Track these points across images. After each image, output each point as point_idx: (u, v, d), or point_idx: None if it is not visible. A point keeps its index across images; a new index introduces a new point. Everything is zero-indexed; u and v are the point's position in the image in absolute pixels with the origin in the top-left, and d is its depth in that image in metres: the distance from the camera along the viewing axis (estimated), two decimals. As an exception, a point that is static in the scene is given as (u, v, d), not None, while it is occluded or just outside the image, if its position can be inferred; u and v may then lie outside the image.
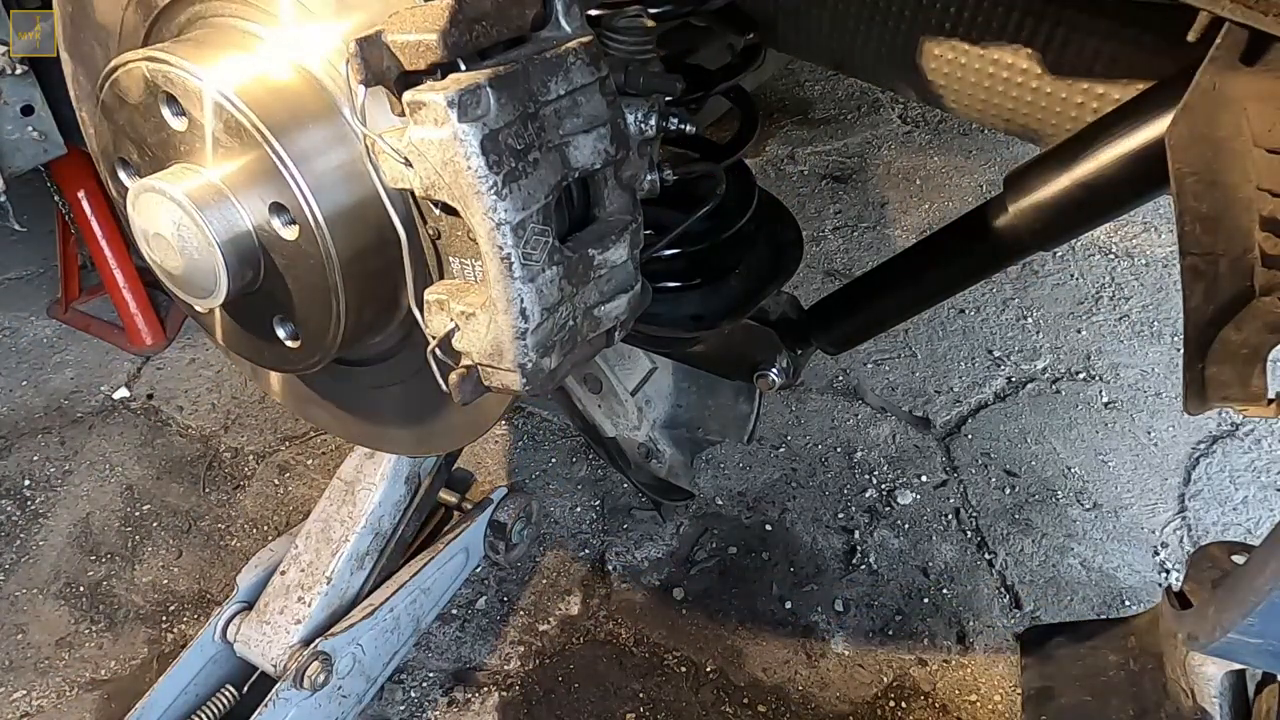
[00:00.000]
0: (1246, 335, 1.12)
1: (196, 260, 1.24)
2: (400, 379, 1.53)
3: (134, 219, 1.26)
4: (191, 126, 1.23)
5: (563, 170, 1.12)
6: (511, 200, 1.05)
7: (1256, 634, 1.09)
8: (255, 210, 1.23)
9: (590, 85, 1.13)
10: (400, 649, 2.34)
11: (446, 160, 1.02)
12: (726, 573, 2.60)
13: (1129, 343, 3.23)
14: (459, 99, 0.99)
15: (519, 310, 1.10)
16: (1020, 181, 1.44)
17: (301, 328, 1.34)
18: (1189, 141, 1.07)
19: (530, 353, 1.13)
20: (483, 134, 1.01)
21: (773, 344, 1.89)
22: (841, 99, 4.21)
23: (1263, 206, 1.04)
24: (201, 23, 1.31)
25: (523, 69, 1.06)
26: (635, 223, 1.23)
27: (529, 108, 1.07)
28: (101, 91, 1.29)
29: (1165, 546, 2.66)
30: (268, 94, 1.20)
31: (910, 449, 2.91)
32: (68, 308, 3.31)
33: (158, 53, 1.22)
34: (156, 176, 1.22)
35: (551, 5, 1.11)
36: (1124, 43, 1.40)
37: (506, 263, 1.07)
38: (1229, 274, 1.10)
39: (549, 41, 1.11)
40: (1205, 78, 1.03)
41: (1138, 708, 1.54)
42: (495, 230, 1.05)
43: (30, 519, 2.72)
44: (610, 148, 1.17)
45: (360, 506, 2.18)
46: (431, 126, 1.01)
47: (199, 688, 2.17)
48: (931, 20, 1.53)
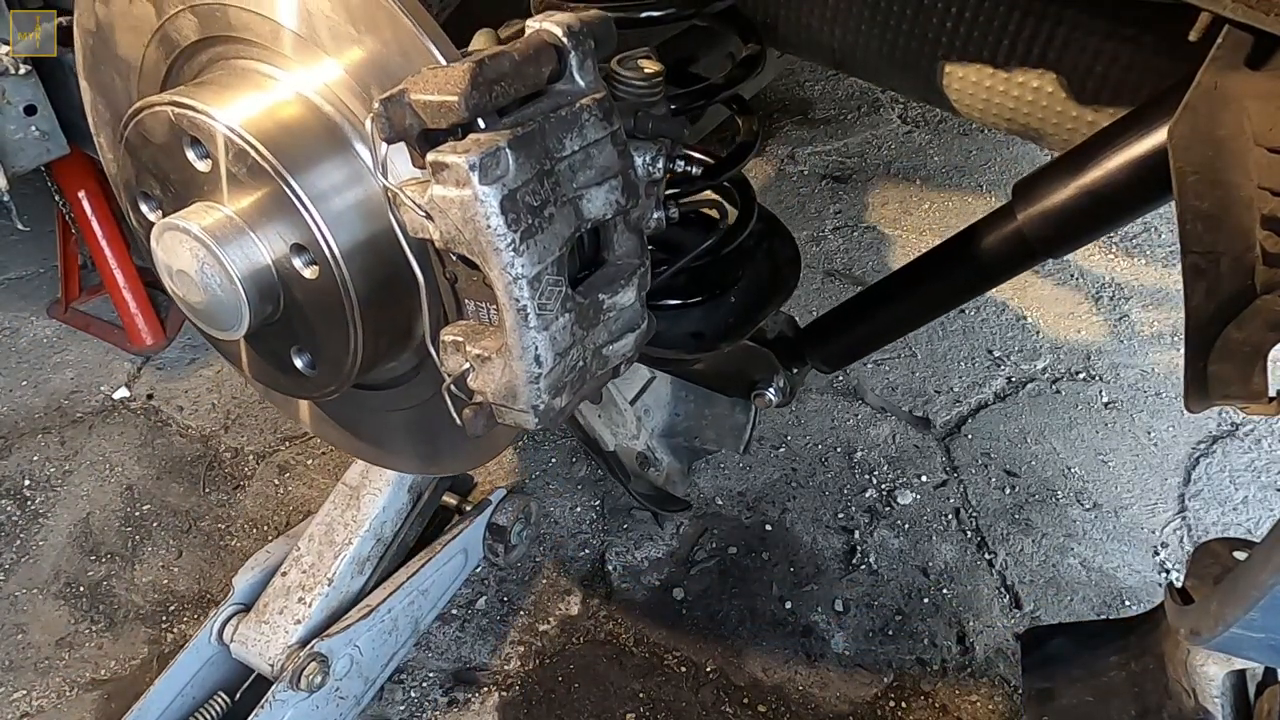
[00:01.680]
0: (1248, 333, 1.12)
1: (219, 296, 1.27)
2: (412, 404, 1.57)
3: (158, 255, 1.30)
4: (215, 168, 1.27)
5: (576, 222, 1.16)
6: (528, 255, 1.09)
7: (1259, 628, 1.09)
8: (275, 247, 1.27)
9: (603, 139, 1.17)
10: (399, 650, 2.33)
11: (467, 218, 1.06)
12: (726, 573, 2.60)
13: (1129, 343, 3.23)
14: (480, 162, 1.03)
15: (533, 357, 1.15)
16: (1029, 190, 1.43)
17: (319, 359, 1.39)
18: (1190, 140, 1.07)
19: (543, 395, 1.18)
20: (502, 194, 1.05)
21: (770, 364, 1.92)
22: (841, 99, 4.21)
23: (1263, 205, 1.04)
24: (222, 63, 1.35)
25: (539, 128, 1.10)
26: (643, 266, 1.27)
27: (545, 165, 1.10)
28: (126, 129, 1.33)
29: (1165, 546, 2.66)
30: (289, 137, 1.24)
31: (910, 449, 2.91)
32: (68, 308, 3.31)
33: (183, 98, 1.25)
34: (180, 215, 1.26)
35: (566, 61, 1.14)
36: (1124, 42, 1.40)
37: (522, 314, 1.11)
38: (1230, 272, 1.10)
39: (564, 96, 1.15)
40: (1206, 77, 1.04)
41: (1139, 708, 1.54)
42: (512, 284, 1.09)
43: (30, 519, 2.72)
44: (622, 198, 1.21)
45: (364, 511, 2.20)
46: (453, 187, 1.05)
47: (195, 690, 2.17)
48: (932, 20, 1.53)
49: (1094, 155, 1.33)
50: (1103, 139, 1.34)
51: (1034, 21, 1.45)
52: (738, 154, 1.70)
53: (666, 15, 1.54)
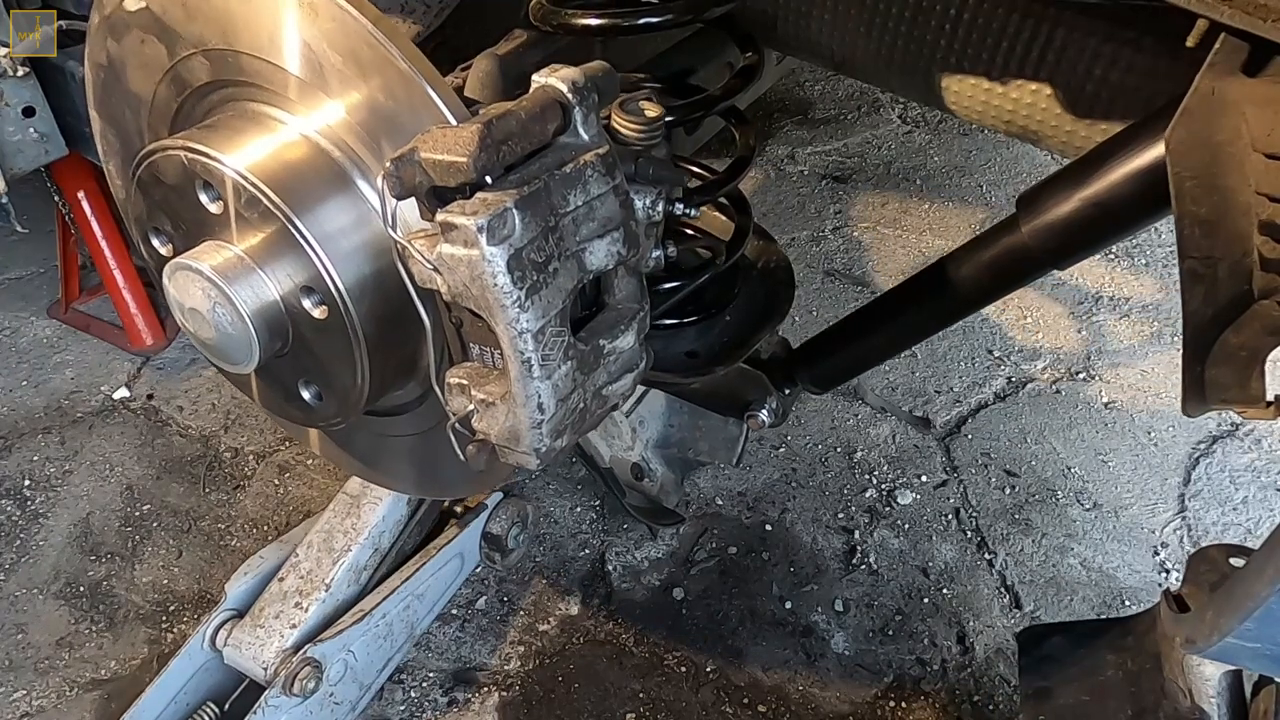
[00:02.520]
0: (1245, 338, 1.12)
1: (230, 333, 1.31)
2: (416, 431, 1.60)
3: (170, 293, 1.33)
4: (225, 209, 1.30)
5: (579, 274, 1.20)
6: (533, 310, 1.13)
7: (1253, 638, 1.09)
8: (284, 285, 1.31)
9: (605, 192, 1.20)
10: (394, 655, 2.33)
11: (474, 276, 1.09)
12: (726, 573, 2.60)
13: (1129, 343, 3.23)
14: (488, 224, 1.05)
15: (536, 405, 1.18)
16: (1033, 202, 1.43)
17: (326, 391, 1.42)
18: (1188, 146, 1.07)
19: (545, 439, 1.22)
20: (509, 254, 1.08)
21: (763, 385, 1.94)
22: (841, 99, 4.21)
23: (1261, 211, 1.04)
24: (233, 105, 1.37)
25: (545, 185, 1.12)
26: (643, 311, 1.30)
27: (549, 221, 1.13)
28: (139, 168, 1.36)
29: (1165, 546, 2.66)
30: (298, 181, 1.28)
31: (910, 449, 2.91)
32: (68, 308, 3.31)
33: (196, 144, 1.29)
34: (191, 255, 1.29)
35: (571, 117, 1.17)
36: (1123, 44, 1.40)
37: (526, 365, 1.15)
38: (1228, 277, 1.10)
39: (568, 150, 1.17)
40: (1204, 82, 1.03)
41: (1135, 708, 1.54)
42: (517, 338, 1.13)
43: (30, 519, 2.72)
44: (623, 249, 1.24)
45: (364, 519, 2.22)
46: (461, 247, 1.07)
47: (189, 696, 2.18)
48: (931, 22, 1.53)
49: (1098, 166, 1.33)
50: (1106, 150, 1.33)
51: (1033, 24, 1.45)
52: (734, 170, 1.70)
53: (665, 22, 1.54)
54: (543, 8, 1.54)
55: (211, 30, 1.33)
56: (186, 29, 1.35)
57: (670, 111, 1.64)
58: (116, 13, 1.41)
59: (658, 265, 1.39)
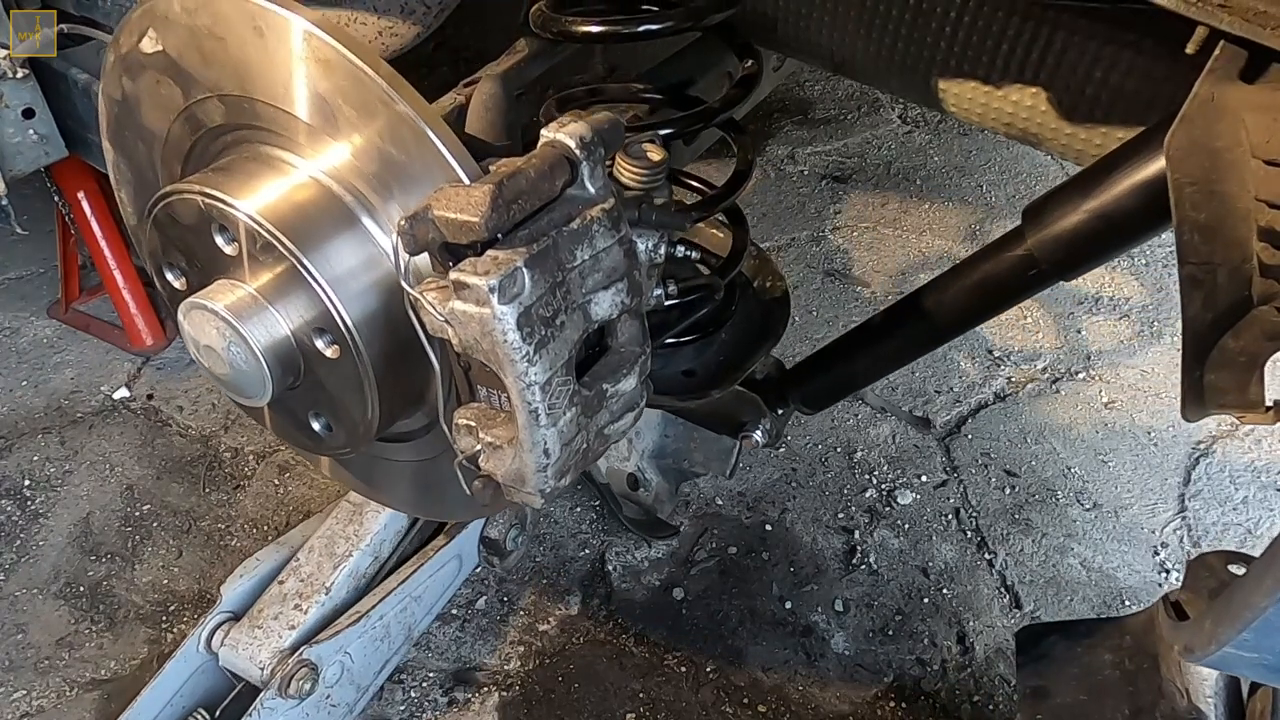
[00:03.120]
0: (1245, 343, 1.12)
1: (244, 369, 1.34)
2: (422, 458, 1.63)
3: (186, 330, 1.36)
4: (240, 251, 1.33)
5: (585, 325, 1.24)
6: (541, 363, 1.17)
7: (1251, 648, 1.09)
8: (296, 326, 1.34)
9: (611, 245, 1.23)
10: (392, 657, 2.32)
11: (485, 332, 1.12)
12: (726, 573, 2.61)
13: (1129, 343, 3.23)
14: (499, 284, 1.09)
15: (542, 450, 1.22)
16: (1038, 214, 1.42)
17: (336, 423, 1.45)
18: (1187, 151, 1.07)
19: (550, 480, 1.26)
20: (519, 312, 1.12)
21: (757, 407, 1.96)
22: (841, 99, 4.21)
23: (1260, 217, 1.04)
24: (247, 146, 1.39)
25: (553, 243, 1.16)
26: (645, 354, 1.33)
27: (557, 277, 1.17)
28: (155, 208, 1.38)
29: (1165, 546, 2.66)
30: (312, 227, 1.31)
31: (910, 449, 2.91)
32: (68, 308, 3.31)
33: (213, 190, 1.31)
34: (205, 295, 1.32)
35: (579, 171, 1.19)
36: (1123, 47, 1.40)
37: (534, 415, 1.19)
38: (1227, 283, 1.10)
39: (575, 204, 1.20)
40: (1204, 88, 1.03)
41: (1133, 707, 1.54)
42: (525, 390, 1.17)
43: (30, 519, 2.72)
44: (627, 298, 1.28)
45: (367, 526, 2.23)
46: (473, 305, 1.11)
47: (185, 699, 2.17)
48: (930, 24, 1.53)
49: (1103, 177, 1.32)
50: (1111, 161, 1.33)
51: (1033, 26, 1.44)
52: (732, 184, 1.71)
53: (665, 28, 1.54)
54: (542, 14, 1.54)
55: (227, 77, 1.35)
56: (203, 74, 1.37)
57: (669, 124, 1.66)
58: (132, 53, 1.42)
59: (658, 304, 1.42)
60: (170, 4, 1.34)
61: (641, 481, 2.32)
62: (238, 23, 1.29)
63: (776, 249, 3.54)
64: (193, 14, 1.32)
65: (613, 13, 1.57)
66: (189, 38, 1.34)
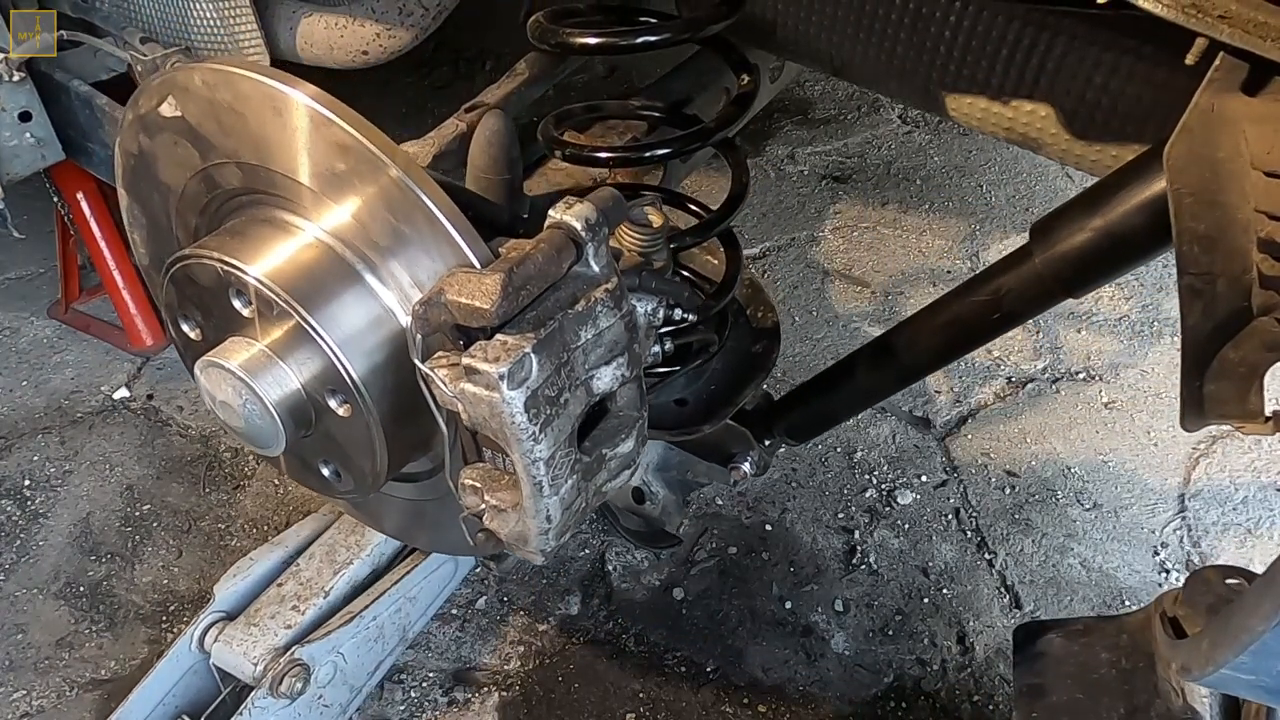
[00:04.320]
0: (1244, 353, 1.12)
1: (258, 424, 1.39)
2: (426, 498, 1.68)
3: (203, 385, 1.42)
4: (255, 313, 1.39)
5: (587, 400, 1.29)
6: (546, 441, 1.22)
7: (1248, 671, 1.09)
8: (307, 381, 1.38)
9: (614, 323, 1.29)
10: (386, 658, 2.33)
11: (494, 414, 1.18)
12: (726, 573, 2.61)
13: (1129, 343, 3.22)
14: (509, 371, 1.14)
15: (545, 517, 1.28)
16: (1046, 232, 1.41)
17: (345, 471, 1.50)
18: (1187, 161, 1.07)
19: (551, 541, 1.33)
20: (526, 396, 1.17)
21: (747, 440, 1.99)
22: (841, 99, 4.20)
23: (1260, 228, 1.04)
24: (263, 209, 1.43)
25: (559, 325, 1.21)
26: (642, 418, 1.38)
27: (562, 358, 1.22)
28: (172, 268, 1.43)
29: (1165, 546, 2.66)
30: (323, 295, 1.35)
31: (910, 449, 2.91)
32: (68, 308, 3.30)
33: (231, 258, 1.36)
34: (219, 354, 1.37)
35: (584, 251, 1.24)
36: (1124, 52, 1.40)
37: (538, 487, 1.25)
38: (1226, 294, 1.10)
39: (579, 284, 1.25)
40: (1204, 99, 1.03)
41: (1128, 706, 1.54)
42: (531, 465, 1.23)
43: (30, 519, 2.73)
44: (627, 371, 1.33)
45: (368, 537, 2.26)
46: (483, 389, 1.16)
47: (177, 699, 2.18)
48: (930, 29, 1.52)
49: (1110, 195, 1.32)
50: (1118, 179, 1.32)
51: (1032, 31, 1.44)
52: (727, 208, 1.71)
53: (663, 40, 1.54)
54: (540, 26, 1.53)
55: (245, 147, 1.39)
56: (221, 142, 1.41)
57: (667, 144, 1.67)
58: (151, 114, 1.46)
59: (655, 361, 1.49)
60: (191, 77, 1.38)
61: (648, 495, 2.32)
62: (257, 101, 1.33)
63: (776, 249, 3.53)
64: (213, 89, 1.37)
65: (610, 24, 1.57)
66: (209, 109, 1.39)
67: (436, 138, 1.80)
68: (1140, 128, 1.42)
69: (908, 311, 3.21)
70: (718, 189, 1.77)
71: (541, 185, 1.86)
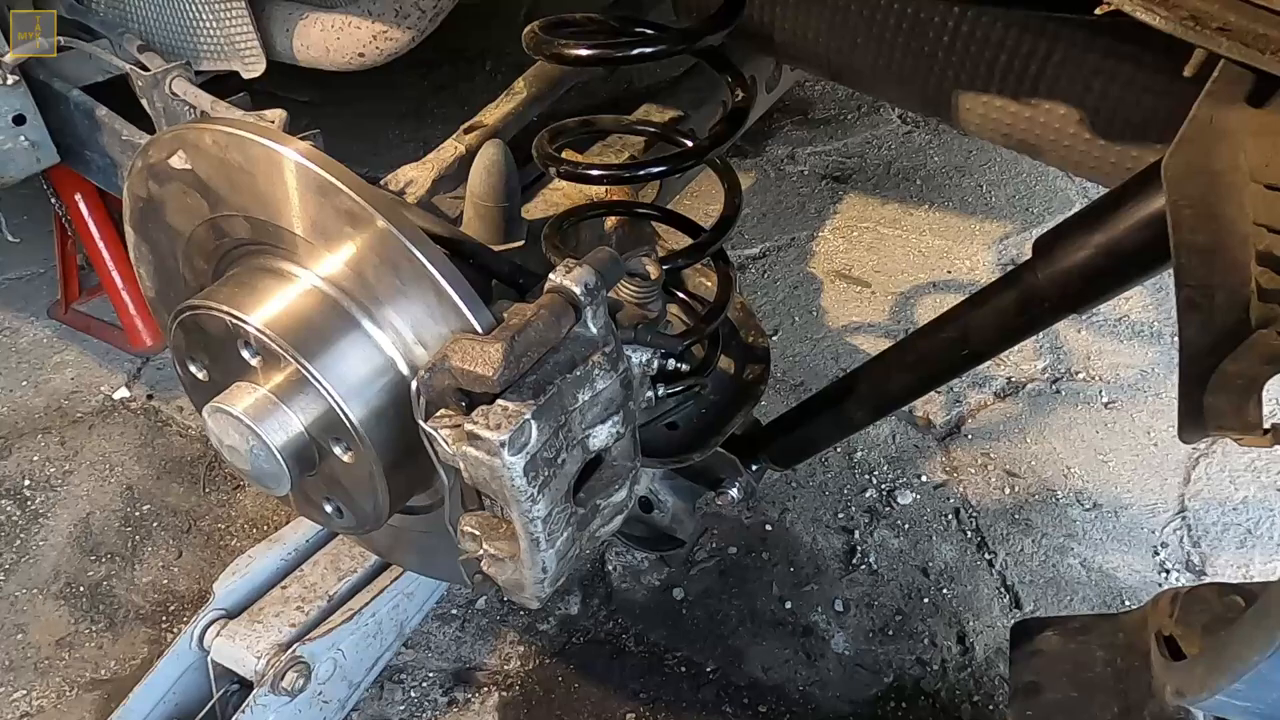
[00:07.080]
0: (1243, 366, 1.12)
1: (265, 467, 1.43)
2: (426, 530, 1.72)
3: (211, 430, 1.46)
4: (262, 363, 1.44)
5: (583, 458, 1.33)
6: (544, 500, 1.26)
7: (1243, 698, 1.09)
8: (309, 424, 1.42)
9: (611, 384, 1.32)
10: (383, 654, 2.33)
11: (494, 476, 1.22)
12: (726, 573, 2.61)
13: (1129, 343, 3.22)
14: (510, 439, 1.18)
15: (541, 568, 1.34)
16: (1049, 248, 1.40)
17: (348, 509, 1.54)
18: (1185, 173, 1.06)
19: (546, 589, 1.38)
20: (526, 461, 1.21)
21: (735, 467, 2.01)
22: (841, 99, 4.18)
23: (1259, 241, 1.03)
24: (271, 260, 1.47)
25: (558, 390, 1.24)
26: (636, 469, 1.42)
27: (560, 420, 1.26)
28: (182, 315, 1.47)
29: (1165, 546, 2.66)
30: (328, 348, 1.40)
31: (910, 449, 2.91)
32: (67, 308, 3.29)
33: (239, 312, 1.40)
34: (225, 400, 1.40)
35: (583, 314, 1.27)
36: (1123, 59, 1.39)
37: (535, 542, 1.30)
38: (1225, 307, 1.09)
39: (578, 347, 1.28)
40: (1202, 110, 1.03)
41: (1122, 705, 1.54)
42: (529, 523, 1.27)
43: (30, 519, 2.73)
44: (622, 428, 1.37)
45: None
46: (485, 454, 1.20)
47: (178, 696, 2.18)
48: (928, 35, 1.52)
49: (1113, 211, 1.31)
50: (1119, 195, 1.31)
51: (1031, 38, 1.44)
52: (720, 228, 1.71)
53: (658, 52, 1.53)
54: (535, 36, 1.52)
55: (254, 204, 1.42)
56: (230, 196, 1.44)
57: (660, 162, 1.68)
58: (161, 165, 1.49)
59: (648, 406, 1.51)
60: (202, 135, 1.43)
61: (656, 504, 2.32)
62: (266, 163, 1.37)
63: (776, 249, 3.53)
64: (224, 149, 1.40)
65: (606, 35, 1.57)
66: (219, 166, 1.42)
67: (435, 161, 1.82)
68: (1140, 135, 1.42)
69: (908, 312, 3.23)
70: (717, 189, 1.76)
71: (540, 207, 1.87)
